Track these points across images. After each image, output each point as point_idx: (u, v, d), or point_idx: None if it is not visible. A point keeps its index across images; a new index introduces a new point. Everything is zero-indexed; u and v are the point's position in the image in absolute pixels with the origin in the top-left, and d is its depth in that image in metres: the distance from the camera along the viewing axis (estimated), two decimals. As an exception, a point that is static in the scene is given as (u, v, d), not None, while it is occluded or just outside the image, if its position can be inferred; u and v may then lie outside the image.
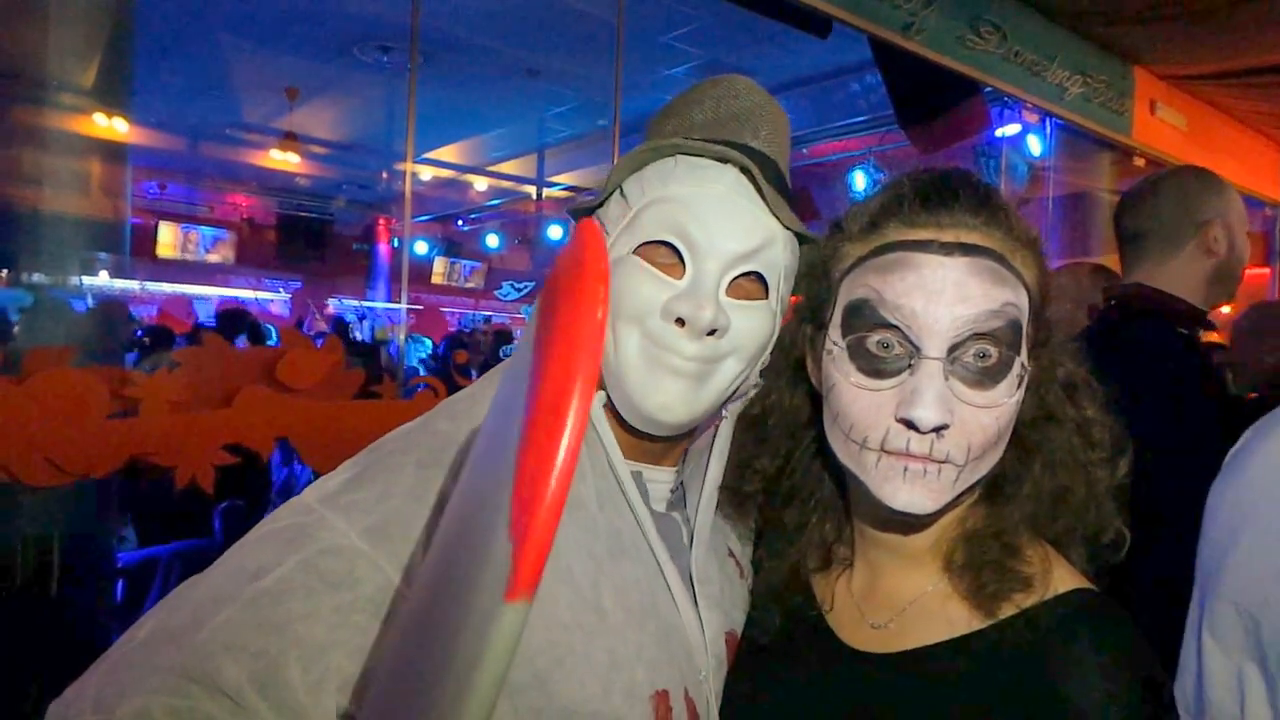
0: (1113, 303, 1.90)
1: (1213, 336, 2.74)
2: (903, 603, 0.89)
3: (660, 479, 0.96)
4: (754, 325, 0.89)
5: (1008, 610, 0.82)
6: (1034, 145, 5.55)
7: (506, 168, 9.18)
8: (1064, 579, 0.83)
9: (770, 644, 0.95)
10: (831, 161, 7.26)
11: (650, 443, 0.92)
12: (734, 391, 0.93)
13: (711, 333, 0.85)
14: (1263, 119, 6.04)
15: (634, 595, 0.86)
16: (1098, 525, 0.88)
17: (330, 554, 0.76)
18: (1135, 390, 1.60)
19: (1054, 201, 5.83)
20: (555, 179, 9.18)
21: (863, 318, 0.82)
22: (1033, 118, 5.40)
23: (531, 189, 9.61)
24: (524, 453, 0.42)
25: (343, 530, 0.77)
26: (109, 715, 0.68)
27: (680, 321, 0.85)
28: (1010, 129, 5.47)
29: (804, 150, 7.03)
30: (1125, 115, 5.17)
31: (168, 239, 10.30)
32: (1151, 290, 1.82)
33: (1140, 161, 5.45)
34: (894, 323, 0.80)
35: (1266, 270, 7.02)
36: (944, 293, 0.78)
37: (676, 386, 0.85)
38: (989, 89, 4.50)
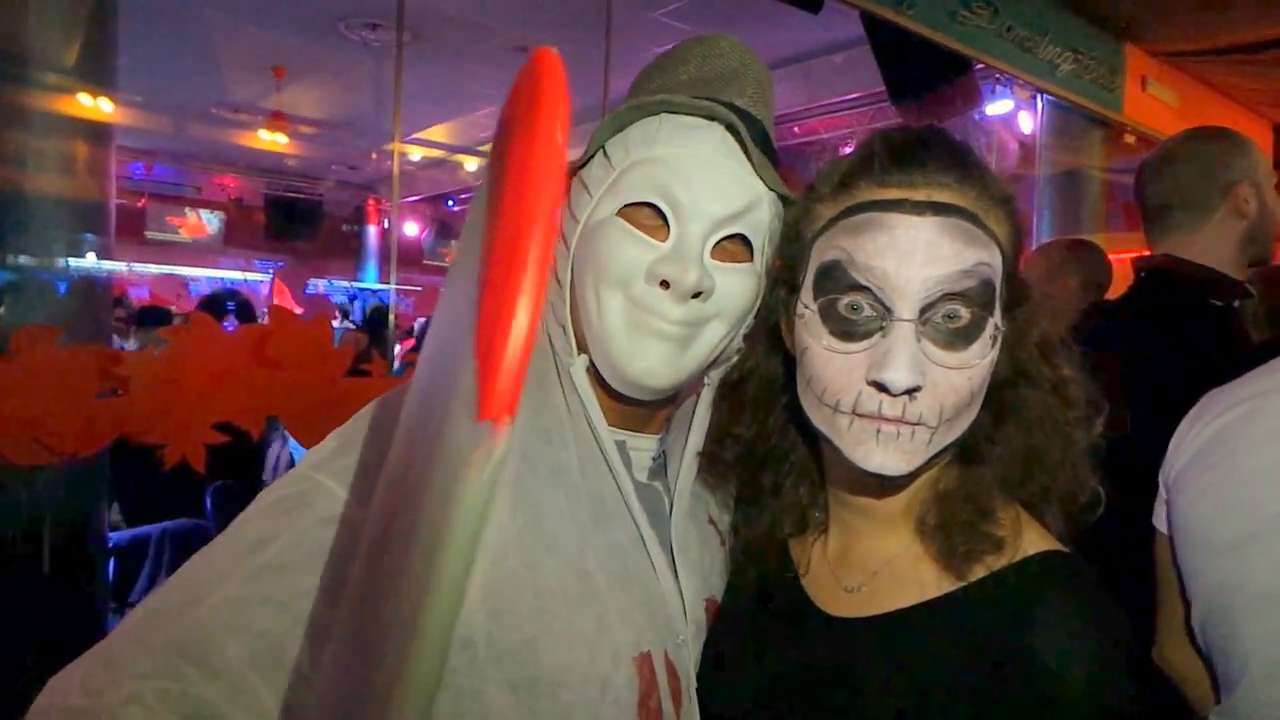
0: (1143, 275, 1.82)
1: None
2: (875, 566, 0.89)
3: (643, 447, 0.96)
4: (738, 288, 0.89)
5: (978, 572, 0.82)
6: (1025, 122, 5.54)
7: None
8: (1034, 541, 0.83)
9: (746, 607, 0.96)
10: (822, 139, 7.23)
11: (634, 408, 0.92)
12: (718, 355, 0.93)
13: (696, 295, 0.85)
14: (1254, 96, 6.03)
15: (617, 560, 0.86)
16: (1073, 486, 0.87)
17: (329, 523, 0.75)
18: (1165, 365, 1.59)
19: (1045, 179, 5.83)
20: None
21: (834, 280, 0.81)
22: (1024, 94, 5.38)
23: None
24: (488, 281, 0.37)
25: (340, 496, 0.76)
26: (96, 698, 0.66)
27: (664, 284, 0.84)
28: (1002, 106, 5.46)
29: (794, 128, 7.00)
30: (1116, 92, 5.16)
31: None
32: (1182, 262, 1.75)
33: (1130, 138, 5.45)
34: (865, 284, 0.79)
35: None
36: (915, 253, 0.77)
37: (661, 350, 0.85)
38: (980, 66, 4.48)
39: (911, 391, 0.76)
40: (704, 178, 0.86)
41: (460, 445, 0.36)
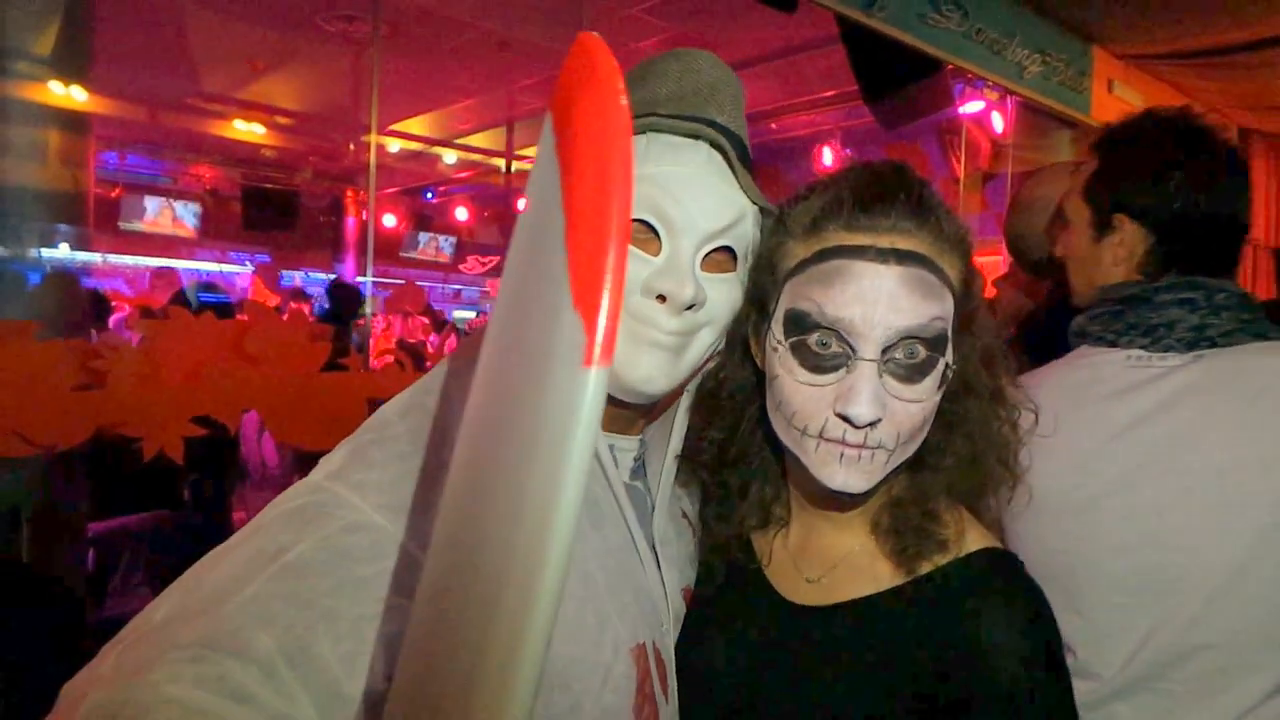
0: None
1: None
2: (834, 559, 0.99)
3: (627, 448, 1.02)
4: (726, 296, 0.94)
5: (926, 568, 0.92)
6: (996, 122, 5.63)
7: (476, 141, 9.10)
8: (975, 540, 0.94)
9: (714, 595, 1.04)
10: (799, 137, 7.28)
11: (625, 411, 0.97)
12: (708, 359, 0.98)
13: (690, 307, 0.90)
14: (1219, 99, 6.15)
15: (613, 559, 0.92)
16: (1002, 480, 0.98)
17: (352, 530, 0.76)
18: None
19: (1016, 178, 5.93)
20: (524, 152, 9.13)
21: (804, 327, 0.89)
22: (994, 95, 5.47)
23: (501, 161, 9.55)
24: (574, 234, 0.43)
25: (360, 507, 0.78)
26: (133, 677, 0.66)
27: (661, 298, 0.89)
28: (973, 106, 5.54)
29: (771, 125, 7.06)
30: (1084, 94, 5.26)
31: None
32: None
33: (1097, 140, 5.53)
34: (833, 329, 0.87)
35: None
36: (879, 302, 0.85)
37: (658, 359, 0.90)
38: (951, 66, 4.55)
39: (873, 423, 0.85)
40: (694, 195, 0.90)
41: (567, 392, 0.41)
